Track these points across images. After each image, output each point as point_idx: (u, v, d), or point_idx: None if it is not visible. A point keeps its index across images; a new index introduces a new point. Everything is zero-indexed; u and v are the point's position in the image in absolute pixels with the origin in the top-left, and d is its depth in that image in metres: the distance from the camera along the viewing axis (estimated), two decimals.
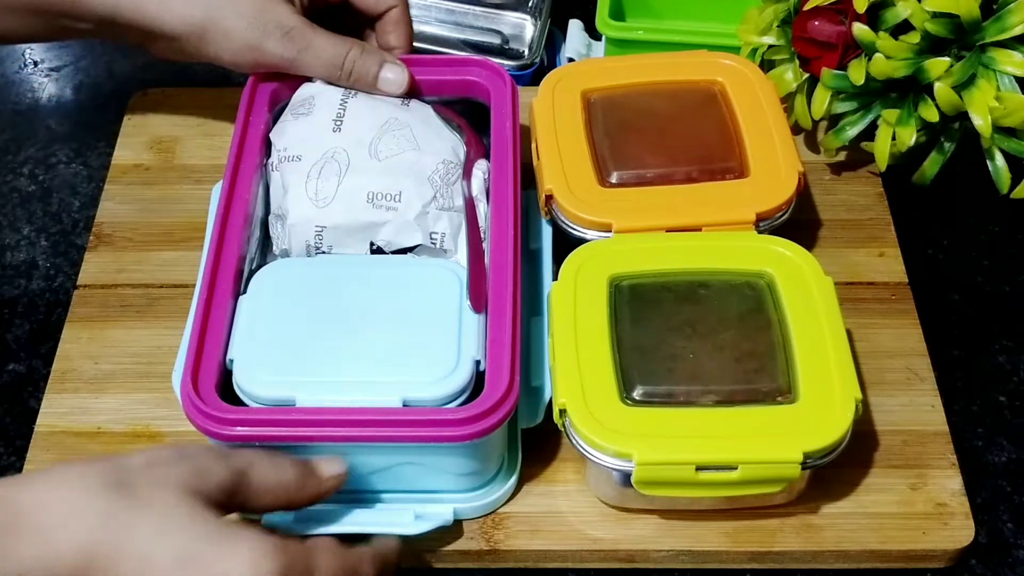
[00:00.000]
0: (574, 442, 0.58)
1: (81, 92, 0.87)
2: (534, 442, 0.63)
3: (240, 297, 0.62)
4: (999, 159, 0.70)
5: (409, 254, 0.66)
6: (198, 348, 0.58)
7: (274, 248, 0.67)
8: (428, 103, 0.71)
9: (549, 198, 0.68)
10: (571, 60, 0.83)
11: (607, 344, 0.60)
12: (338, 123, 0.67)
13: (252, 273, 0.64)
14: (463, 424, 0.55)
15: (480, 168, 0.68)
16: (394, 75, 0.69)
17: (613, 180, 0.68)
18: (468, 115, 0.72)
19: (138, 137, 0.79)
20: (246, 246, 0.64)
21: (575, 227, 0.67)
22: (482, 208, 0.66)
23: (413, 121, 0.69)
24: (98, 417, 0.65)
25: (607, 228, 0.66)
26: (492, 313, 0.60)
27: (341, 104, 0.68)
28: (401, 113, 0.69)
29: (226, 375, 0.59)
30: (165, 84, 0.82)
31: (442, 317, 0.60)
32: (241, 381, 0.58)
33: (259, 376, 0.58)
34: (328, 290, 0.62)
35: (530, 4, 0.86)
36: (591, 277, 0.63)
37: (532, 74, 0.82)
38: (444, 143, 0.68)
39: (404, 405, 0.57)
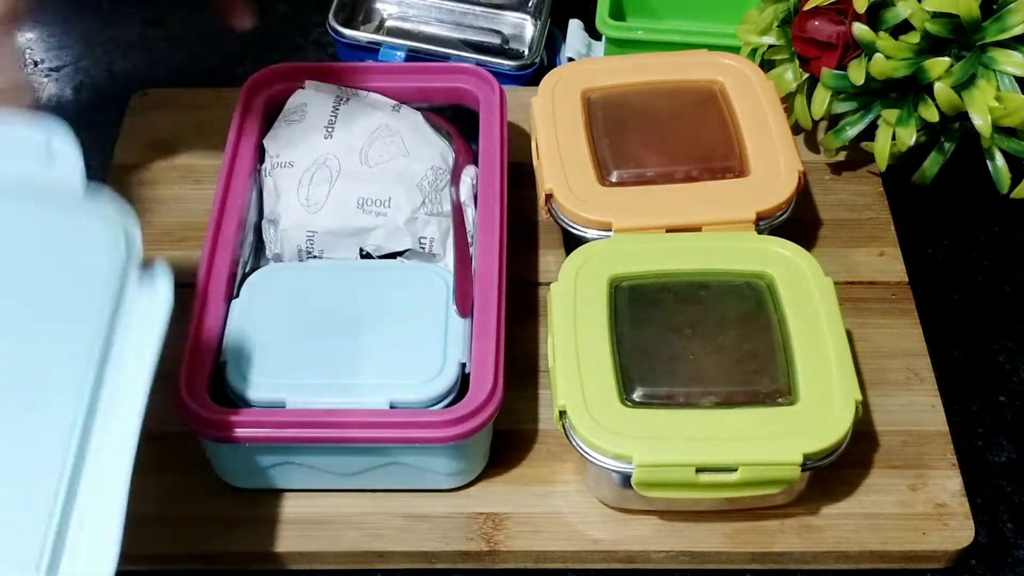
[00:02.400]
0: (574, 443, 0.58)
1: (81, 92, 0.87)
2: (534, 442, 0.64)
3: (233, 301, 0.63)
4: (999, 159, 0.70)
5: (398, 258, 0.67)
6: (192, 351, 0.59)
7: (267, 251, 0.68)
8: (418, 110, 0.72)
9: (549, 197, 0.68)
10: (571, 60, 0.83)
11: (607, 345, 0.60)
12: (330, 129, 0.69)
13: (245, 276, 0.65)
14: (447, 426, 0.57)
15: (468, 174, 0.69)
16: None
17: (613, 179, 0.68)
18: (457, 120, 0.73)
19: (138, 137, 0.79)
20: (239, 250, 0.65)
21: (575, 226, 0.67)
22: (470, 213, 0.68)
23: (403, 128, 0.70)
24: None
25: (607, 227, 0.66)
26: (478, 317, 0.61)
27: (333, 111, 0.70)
28: (392, 120, 0.70)
29: (219, 376, 0.60)
30: (165, 84, 0.82)
31: (429, 321, 0.62)
32: (233, 383, 0.59)
33: (250, 379, 0.59)
34: (318, 294, 0.63)
35: (530, 4, 0.86)
36: (591, 277, 0.63)
37: (532, 74, 0.82)
38: (433, 149, 0.69)
39: (391, 407, 0.58)
